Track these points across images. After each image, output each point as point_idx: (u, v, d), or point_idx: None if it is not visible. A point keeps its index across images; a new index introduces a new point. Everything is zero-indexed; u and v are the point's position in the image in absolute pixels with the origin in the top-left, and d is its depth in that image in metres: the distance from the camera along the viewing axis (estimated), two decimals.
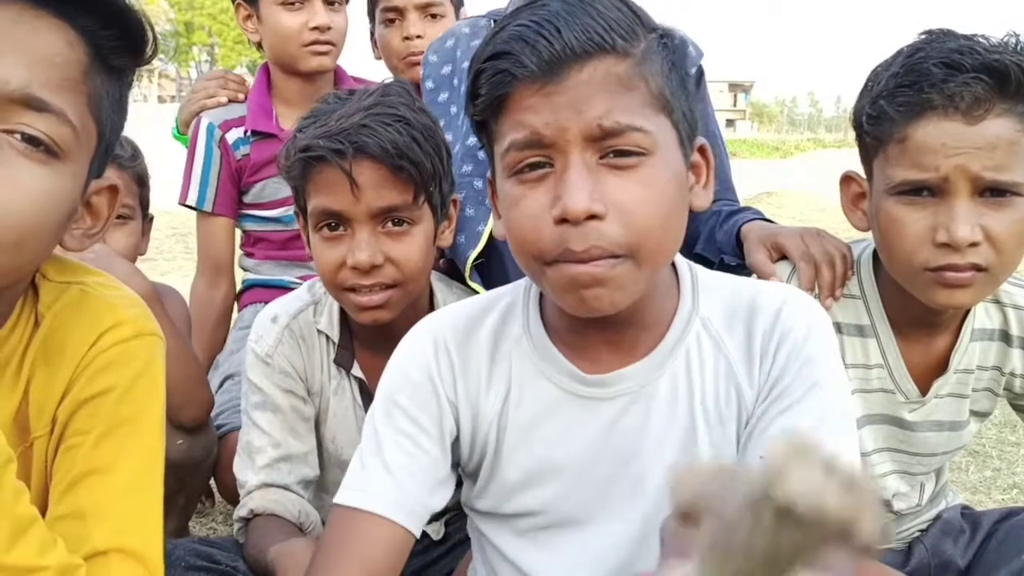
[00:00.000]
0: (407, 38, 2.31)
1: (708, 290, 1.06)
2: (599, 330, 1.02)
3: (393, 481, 1.04)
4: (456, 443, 1.09)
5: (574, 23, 0.89)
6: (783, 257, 1.42)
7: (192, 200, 2.13)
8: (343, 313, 1.51)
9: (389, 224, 1.39)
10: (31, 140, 0.83)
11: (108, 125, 0.94)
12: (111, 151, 0.99)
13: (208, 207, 2.12)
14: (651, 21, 0.96)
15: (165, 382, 1.04)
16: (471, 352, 1.08)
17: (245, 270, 2.36)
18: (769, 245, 1.44)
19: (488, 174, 1.07)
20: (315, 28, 2.05)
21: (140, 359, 1.00)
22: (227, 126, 2.15)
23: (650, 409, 1.03)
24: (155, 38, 0.95)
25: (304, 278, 2.14)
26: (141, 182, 1.74)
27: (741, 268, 1.54)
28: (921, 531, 1.52)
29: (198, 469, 1.76)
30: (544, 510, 1.07)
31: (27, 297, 0.99)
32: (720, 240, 1.60)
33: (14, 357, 0.96)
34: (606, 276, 0.90)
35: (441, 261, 1.78)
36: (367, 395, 1.51)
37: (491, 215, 1.68)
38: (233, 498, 1.68)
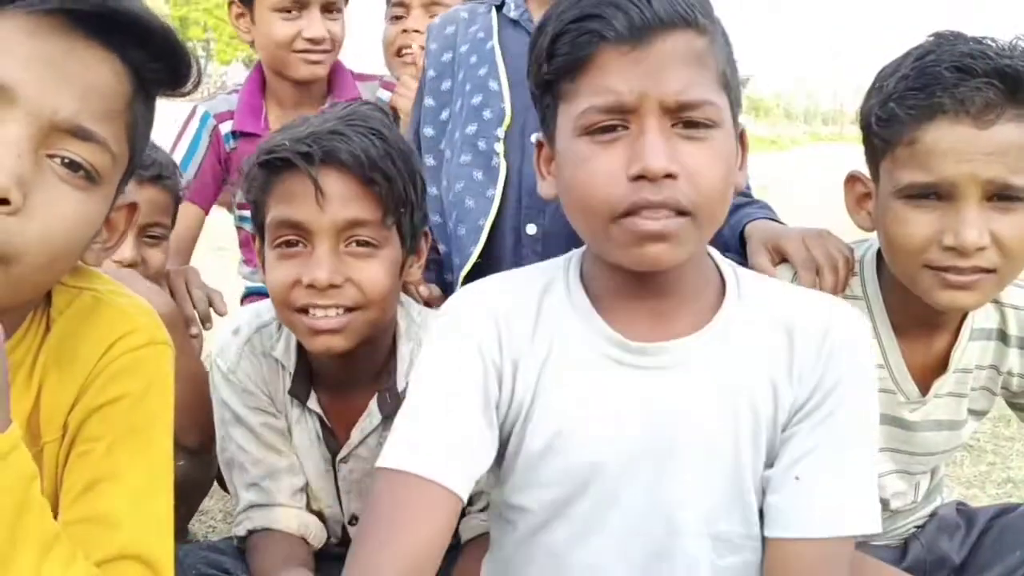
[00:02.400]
0: (405, 31, 2.30)
1: (753, 288, 1.12)
2: (641, 299, 1.08)
3: (439, 445, 1.02)
4: (496, 407, 1.09)
5: None
6: (785, 259, 1.42)
7: None
8: (300, 345, 1.41)
9: (353, 244, 1.30)
10: (71, 165, 0.87)
11: (139, 146, 0.98)
12: (136, 168, 1.02)
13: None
14: (714, 10, 1.04)
15: (178, 403, 1.06)
16: (515, 318, 1.10)
17: (243, 277, 2.35)
18: (771, 247, 1.44)
19: (538, 136, 1.12)
20: (309, 39, 2.04)
21: (152, 367, 1.01)
22: (222, 117, 2.13)
23: (688, 385, 1.06)
24: (199, 71, 0.98)
25: None
26: (177, 199, 1.72)
27: (745, 265, 1.55)
28: (917, 527, 1.54)
29: (199, 487, 1.75)
30: (570, 479, 1.09)
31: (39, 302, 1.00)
32: (725, 235, 1.57)
33: (26, 361, 0.98)
34: (669, 231, 0.98)
35: (422, 288, 1.68)
36: (328, 431, 1.45)
37: (492, 208, 1.68)
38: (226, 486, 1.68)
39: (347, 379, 1.43)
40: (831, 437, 1.05)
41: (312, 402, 1.43)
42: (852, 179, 1.37)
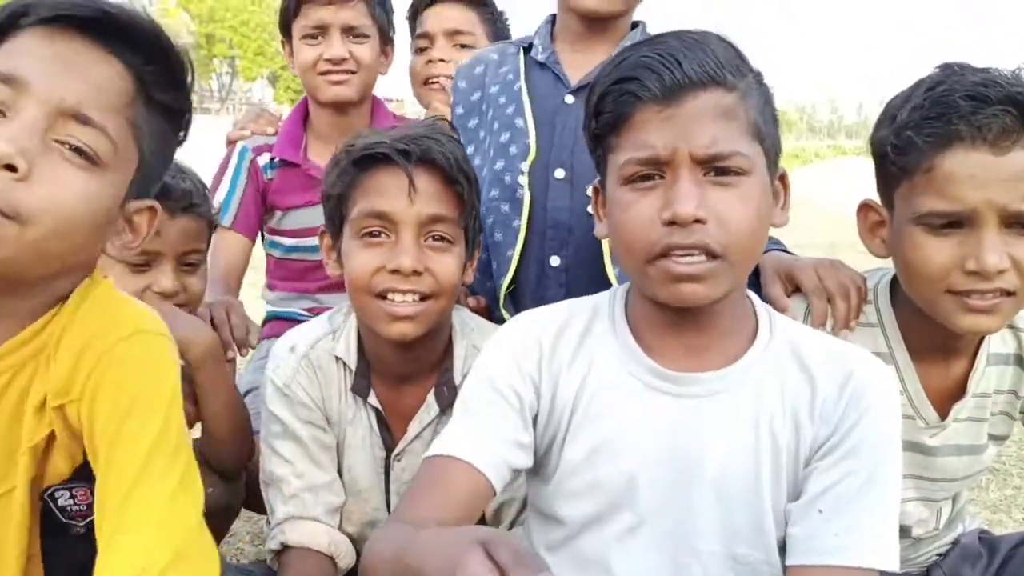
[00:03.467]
0: (430, 61, 2.35)
1: (782, 329, 1.20)
2: (678, 333, 1.16)
3: (477, 436, 1.14)
4: (535, 421, 1.20)
5: (692, 57, 1.07)
6: (798, 289, 1.44)
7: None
8: (360, 343, 1.51)
9: (431, 238, 1.41)
10: (76, 150, 1.00)
11: (149, 153, 1.09)
12: (155, 179, 1.14)
13: (228, 222, 2.15)
14: (750, 64, 1.14)
15: (218, 431, 1.19)
16: (560, 343, 1.21)
17: (267, 302, 2.40)
18: (783, 277, 1.46)
19: (595, 182, 1.24)
20: (328, 59, 2.10)
21: (140, 354, 1.10)
22: (259, 150, 2.20)
23: (715, 416, 1.14)
24: (194, 74, 1.10)
25: (311, 310, 2.18)
26: (210, 224, 1.76)
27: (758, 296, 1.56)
28: (939, 555, 1.53)
29: (229, 512, 1.78)
30: (604, 493, 1.17)
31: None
32: None
33: (49, 343, 1.08)
34: (700, 272, 1.06)
35: (470, 299, 1.79)
36: (384, 425, 1.52)
37: (519, 238, 1.73)
38: (256, 507, 1.70)
39: (405, 373, 1.52)
40: (854, 473, 1.09)
41: (372, 398, 1.51)
42: (865, 207, 1.38)
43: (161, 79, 1.07)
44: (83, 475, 1.13)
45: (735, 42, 1.15)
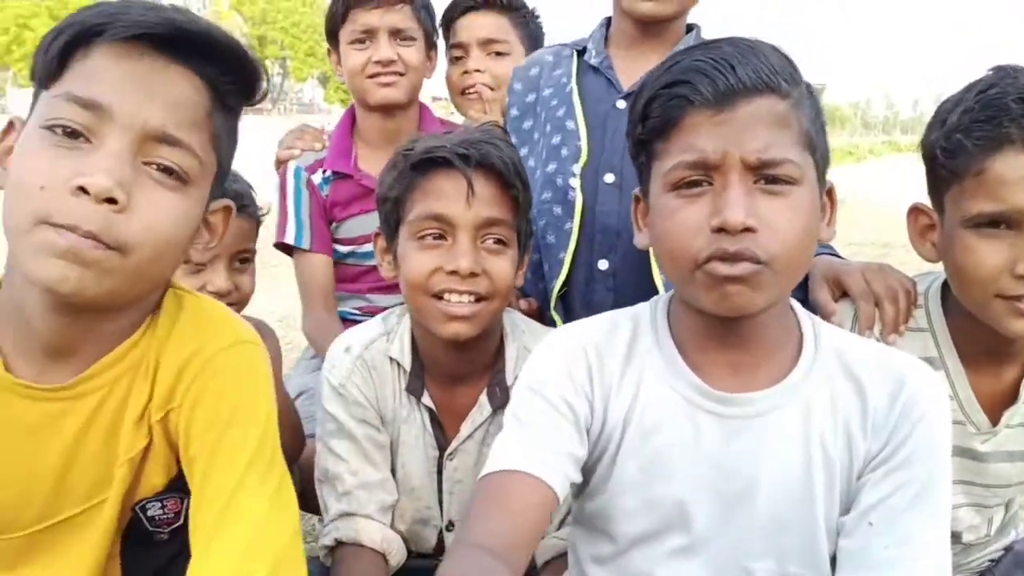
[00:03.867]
0: (466, 72, 2.36)
1: (829, 340, 1.17)
2: (724, 349, 1.15)
3: (534, 447, 1.11)
4: (588, 434, 1.17)
5: (746, 63, 1.05)
6: (845, 294, 1.43)
7: (290, 238, 2.17)
8: (414, 344, 1.54)
9: (488, 241, 1.44)
10: (165, 170, 1.01)
11: (226, 157, 1.11)
12: (227, 176, 1.15)
13: (306, 244, 2.17)
14: (801, 74, 1.11)
15: None
16: (607, 356, 1.18)
17: None
18: (831, 282, 1.46)
19: (636, 190, 1.21)
20: (377, 62, 2.12)
21: (237, 364, 1.13)
22: (312, 169, 2.21)
23: (765, 436, 1.13)
24: (268, 82, 1.11)
25: (361, 309, 2.21)
26: (258, 223, 1.81)
27: (805, 303, 1.55)
28: (991, 561, 1.52)
29: None
30: (654, 513, 1.16)
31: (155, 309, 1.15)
32: None
33: (146, 356, 1.11)
34: (748, 276, 1.04)
35: (521, 302, 1.81)
36: (437, 425, 1.55)
37: (571, 241, 1.74)
38: (307, 506, 1.75)
39: (458, 374, 1.55)
40: (906, 485, 1.08)
41: (426, 397, 1.54)
42: (915, 211, 1.38)
43: (237, 88, 1.08)
44: (176, 487, 1.16)
45: (788, 51, 1.13)
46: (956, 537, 1.43)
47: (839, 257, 1.58)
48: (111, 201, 0.95)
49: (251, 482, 1.06)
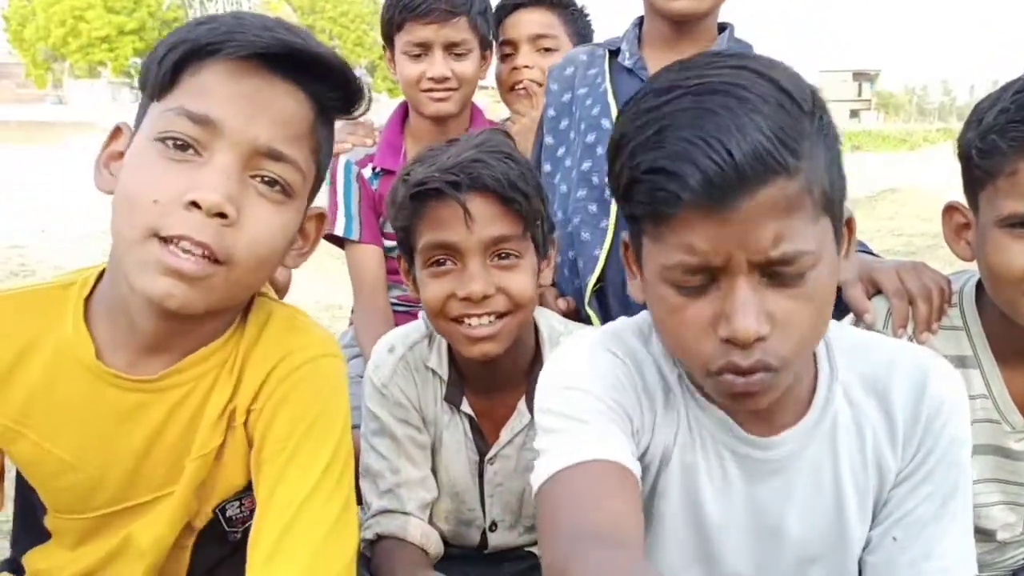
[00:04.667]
0: (515, 68, 2.39)
1: (844, 355, 1.10)
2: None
3: (606, 439, 1.00)
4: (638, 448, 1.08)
5: (745, 142, 0.85)
6: (879, 291, 1.44)
7: (339, 230, 2.20)
8: (452, 354, 1.55)
9: (497, 258, 1.43)
10: (270, 182, 1.05)
11: (324, 163, 1.15)
12: (322, 180, 1.18)
13: (356, 236, 2.20)
14: (804, 96, 0.91)
15: None
16: (649, 374, 1.09)
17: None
18: (865, 280, 1.45)
19: (624, 236, 1.08)
20: (432, 78, 2.13)
21: (323, 374, 1.17)
22: (363, 163, 2.24)
23: (794, 478, 1.08)
24: (370, 97, 1.15)
25: (402, 298, 2.24)
26: None
27: (839, 298, 1.56)
28: None
29: None
30: (686, 548, 1.13)
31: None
32: None
33: (231, 358, 1.16)
34: (763, 387, 0.96)
35: (559, 301, 1.82)
36: (477, 432, 1.57)
37: (606, 238, 1.76)
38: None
39: (496, 383, 1.56)
40: (930, 498, 1.06)
41: (465, 406, 1.55)
42: (950, 209, 1.38)
43: (340, 102, 1.12)
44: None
45: (792, 70, 0.95)
46: (990, 535, 1.43)
47: (873, 254, 1.58)
48: (221, 215, 1.00)
49: (321, 495, 1.08)
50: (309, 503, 1.08)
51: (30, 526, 1.26)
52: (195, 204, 0.99)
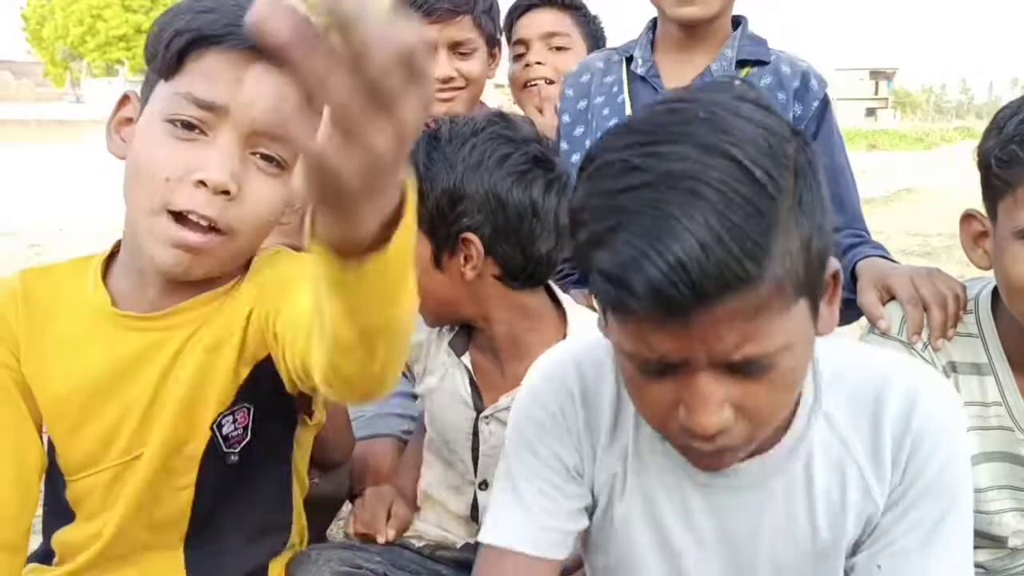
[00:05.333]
0: (528, 65, 2.39)
1: (831, 381, 1.03)
2: None
3: (530, 517, 1.09)
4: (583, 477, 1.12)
5: (701, 253, 0.77)
6: (894, 298, 1.43)
7: None
8: None
9: None
10: (267, 158, 1.16)
11: None
12: None
13: None
14: (780, 170, 0.81)
15: (330, 425, 1.36)
16: (597, 400, 1.09)
17: None
18: (880, 286, 1.45)
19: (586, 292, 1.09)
20: (436, 79, 2.09)
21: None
22: None
23: (764, 505, 1.04)
24: None
25: None
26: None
27: (854, 303, 1.56)
28: None
29: (335, 500, 1.88)
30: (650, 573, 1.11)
31: None
32: None
33: (231, 297, 1.24)
34: (729, 459, 0.96)
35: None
36: (475, 389, 1.56)
37: None
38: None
39: (498, 348, 1.54)
40: (919, 525, 1.00)
41: (465, 358, 1.56)
42: (968, 217, 1.38)
43: None
44: (244, 396, 1.24)
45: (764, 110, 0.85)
46: (1002, 542, 1.43)
47: (889, 258, 1.59)
48: (225, 192, 1.11)
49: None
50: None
51: (57, 511, 1.29)
52: (203, 183, 1.10)
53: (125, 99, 1.23)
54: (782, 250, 0.80)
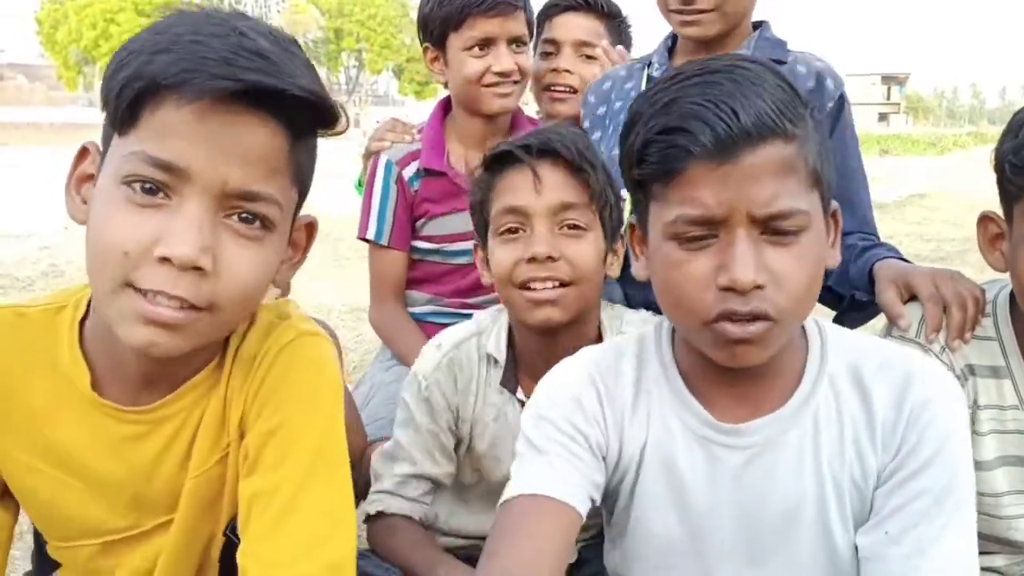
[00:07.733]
0: (555, 70, 2.38)
1: (836, 349, 1.14)
2: (731, 382, 1.11)
3: (554, 470, 1.10)
4: (605, 462, 1.16)
5: (749, 106, 0.97)
6: (913, 297, 1.43)
7: (371, 234, 2.20)
8: (510, 338, 1.60)
9: (565, 227, 1.49)
10: (245, 219, 0.99)
11: (307, 179, 1.08)
12: (307, 193, 1.11)
13: (384, 241, 2.19)
14: (798, 91, 1.04)
15: None
16: (616, 385, 1.17)
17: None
18: (900, 285, 1.45)
19: (630, 218, 1.16)
20: (499, 72, 2.09)
21: (301, 355, 1.13)
22: (404, 163, 2.20)
23: (776, 462, 1.11)
24: (347, 119, 1.05)
25: (433, 312, 2.23)
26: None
27: (871, 304, 1.55)
28: None
29: None
30: (672, 550, 1.15)
31: None
32: (853, 276, 1.62)
33: (222, 377, 1.13)
34: (756, 336, 1.01)
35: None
36: None
37: None
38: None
39: (552, 366, 1.55)
40: (924, 493, 1.05)
41: (520, 393, 1.59)
42: (985, 219, 1.37)
43: (314, 122, 1.04)
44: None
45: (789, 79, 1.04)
46: (1019, 547, 1.41)
47: (905, 260, 1.58)
48: (199, 269, 0.95)
49: (315, 482, 1.05)
50: (305, 488, 1.04)
51: (44, 558, 1.26)
52: (167, 259, 0.93)
53: (84, 152, 1.04)
54: (804, 133, 1.01)
